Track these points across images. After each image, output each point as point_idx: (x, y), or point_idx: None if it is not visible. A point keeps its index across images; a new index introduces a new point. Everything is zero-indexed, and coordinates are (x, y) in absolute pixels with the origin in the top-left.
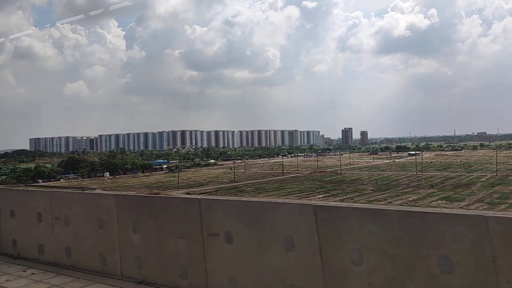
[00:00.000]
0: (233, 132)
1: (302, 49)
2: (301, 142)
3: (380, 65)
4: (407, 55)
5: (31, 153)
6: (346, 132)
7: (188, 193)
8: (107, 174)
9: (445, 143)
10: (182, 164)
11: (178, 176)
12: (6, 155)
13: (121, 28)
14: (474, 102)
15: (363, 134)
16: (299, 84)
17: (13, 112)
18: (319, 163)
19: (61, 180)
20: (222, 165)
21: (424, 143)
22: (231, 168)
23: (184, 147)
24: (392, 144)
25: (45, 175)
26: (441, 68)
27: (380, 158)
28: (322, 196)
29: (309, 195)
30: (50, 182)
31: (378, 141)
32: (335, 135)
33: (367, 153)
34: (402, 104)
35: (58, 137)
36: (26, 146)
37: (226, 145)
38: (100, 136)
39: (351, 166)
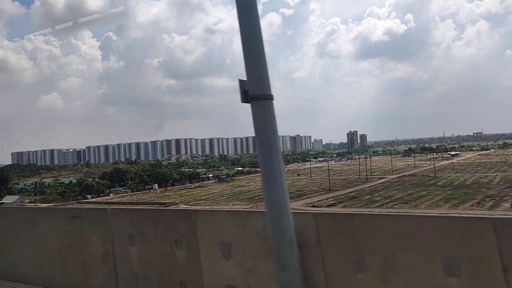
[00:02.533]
0: (227, 139)
1: (281, 56)
2: (304, 147)
3: (358, 70)
4: (384, 60)
5: (26, 167)
6: (352, 136)
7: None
8: (156, 186)
9: (447, 144)
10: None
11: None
12: None
13: (95, 39)
14: (450, 104)
15: (362, 137)
16: (278, 91)
17: None
18: (368, 166)
19: (111, 194)
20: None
21: (424, 145)
22: (298, 175)
23: (180, 156)
24: (393, 146)
25: (93, 189)
26: (416, 72)
27: (423, 160)
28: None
29: (459, 205)
30: (100, 198)
31: (372, 144)
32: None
33: (391, 155)
34: (380, 108)
35: (42, 150)
36: (8, 161)
37: (221, 152)
38: (88, 147)
39: (423, 169)
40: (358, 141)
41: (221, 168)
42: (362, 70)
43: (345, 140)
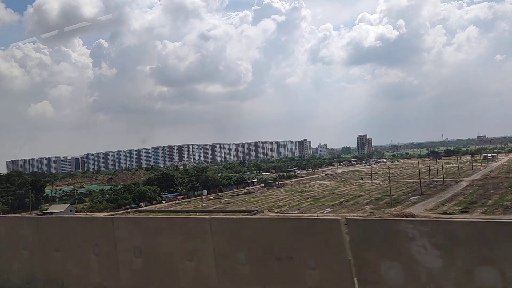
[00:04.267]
0: (229, 145)
1: (273, 62)
2: (310, 152)
3: (350, 76)
4: (375, 66)
5: (31, 175)
6: (362, 140)
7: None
8: (205, 192)
9: (457, 147)
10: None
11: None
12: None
13: (86, 46)
14: (442, 109)
15: (368, 141)
16: (270, 97)
17: None
18: (414, 169)
19: (163, 202)
20: (309, 175)
21: (428, 148)
22: (362, 179)
23: (188, 161)
24: (399, 150)
25: (146, 196)
26: (407, 77)
27: (467, 162)
28: None
29: None
30: (153, 205)
31: (377, 148)
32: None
33: (417, 159)
34: (372, 113)
35: (38, 158)
36: (3, 169)
37: (222, 158)
38: (87, 155)
39: (488, 170)
40: (368, 145)
41: (260, 173)
42: (354, 76)
43: (340, 144)
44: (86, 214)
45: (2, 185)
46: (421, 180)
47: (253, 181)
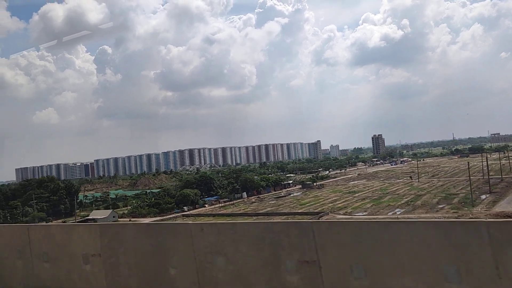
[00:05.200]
0: (239, 148)
1: (278, 65)
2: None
3: (354, 77)
4: (380, 66)
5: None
6: (377, 140)
7: None
8: (245, 194)
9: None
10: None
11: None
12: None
13: (89, 53)
14: (447, 108)
15: (383, 141)
16: (274, 99)
17: None
18: (440, 168)
19: (206, 205)
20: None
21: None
22: (411, 178)
23: (196, 166)
24: (413, 149)
25: (189, 200)
26: (412, 77)
27: (495, 159)
28: None
29: None
30: (196, 209)
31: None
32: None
33: (443, 157)
34: (377, 114)
35: (47, 165)
36: (12, 177)
37: (233, 161)
38: (97, 161)
39: None
40: (383, 145)
41: (285, 174)
42: (358, 77)
43: (349, 145)
44: (130, 220)
45: (35, 192)
46: (472, 177)
47: (289, 183)
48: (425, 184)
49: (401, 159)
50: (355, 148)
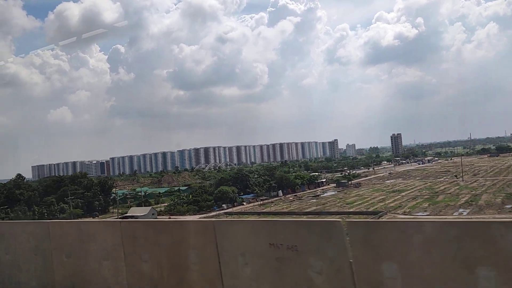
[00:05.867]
0: (254, 146)
1: (290, 64)
2: (328, 152)
3: (366, 76)
4: (393, 65)
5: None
6: (396, 139)
7: None
8: (280, 192)
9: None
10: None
11: None
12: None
13: (103, 52)
14: (461, 108)
15: (398, 139)
16: (286, 99)
17: None
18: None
19: (244, 203)
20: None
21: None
22: (456, 176)
23: (212, 164)
24: (431, 149)
25: (228, 198)
26: (425, 76)
27: None
28: None
29: None
30: (236, 207)
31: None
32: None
33: (473, 156)
34: (389, 114)
35: (64, 162)
36: (28, 175)
37: (248, 160)
38: (112, 158)
39: None
40: (401, 144)
41: (310, 173)
42: (371, 76)
43: (362, 145)
44: (169, 218)
45: (70, 188)
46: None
47: (322, 181)
48: (473, 183)
49: (426, 158)
50: (371, 147)
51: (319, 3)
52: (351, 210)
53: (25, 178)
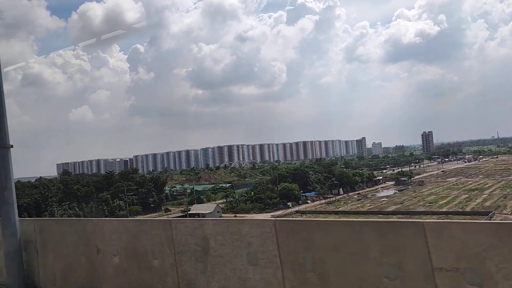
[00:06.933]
0: (277, 145)
1: (308, 62)
2: (352, 151)
3: (386, 74)
4: (413, 63)
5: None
6: (427, 137)
7: None
8: (341, 190)
9: None
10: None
11: None
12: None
13: (122, 52)
14: (483, 106)
15: (429, 137)
16: (304, 97)
17: (19, 139)
18: None
19: (308, 201)
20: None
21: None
22: None
23: (237, 162)
24: (461, 147)
25: (292, 195)
26: (446, 74)
27: None
28: None
29: None
30: (300, 205)
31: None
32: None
33: None
34: (409, 112)
35: (88, 160)
36: (53, 172)
37: (271, 158)
38: (136, 156)
39: None
40: (433, 142)
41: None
42: (391, 74)
43: (386, 143)
44: (235, 216)
45: (124, 184)
46: None
47: (378, 179)
48: None
49: (467, 157)
50: (396, 145)
51: (338, 1)
52: (443, 210)
53: (71, 173)
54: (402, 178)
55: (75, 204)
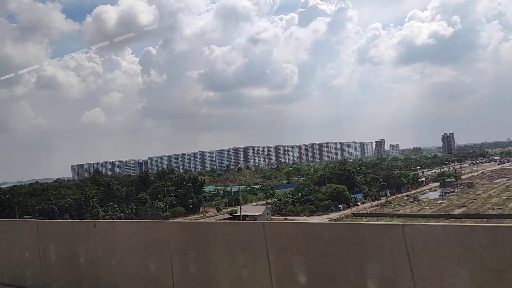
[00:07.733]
0: (292, 146)
1: (319, 64)
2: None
3: (399, 75)
4: (426, 64)
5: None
6: (448, 138)
7: None
8: (388, 192)
9: None
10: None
11: None
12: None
13: (134, 55)
14: (498, 108)
15: (450, 139)
16: (316, 99)
17: (32, 141)
18: None
19: (358, 204)
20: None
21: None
22: None
23: (254, 164)
24: (481, 149)
25: (342, 197)
26: (460, 76)
27: None
28: None
29: None
30: (350, 208)
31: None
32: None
33: None
34: (421, 115)
35: (103, 162)
36: (68, 174)
37: (287, 160)
38: (151, 158)
39: None
40: (454, 144)
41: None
42: (403, 76)
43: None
44: (286, 219)
45: (162, 184)
46: None
47: (422, 180)
48: None
49: (496, 158)
50: (414, 147)
51: (350, 3)
52: None
53: (102, 173)
54: (448, 180)
55: (116, 205)
